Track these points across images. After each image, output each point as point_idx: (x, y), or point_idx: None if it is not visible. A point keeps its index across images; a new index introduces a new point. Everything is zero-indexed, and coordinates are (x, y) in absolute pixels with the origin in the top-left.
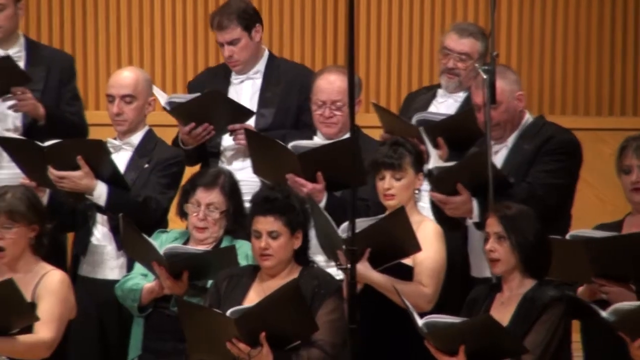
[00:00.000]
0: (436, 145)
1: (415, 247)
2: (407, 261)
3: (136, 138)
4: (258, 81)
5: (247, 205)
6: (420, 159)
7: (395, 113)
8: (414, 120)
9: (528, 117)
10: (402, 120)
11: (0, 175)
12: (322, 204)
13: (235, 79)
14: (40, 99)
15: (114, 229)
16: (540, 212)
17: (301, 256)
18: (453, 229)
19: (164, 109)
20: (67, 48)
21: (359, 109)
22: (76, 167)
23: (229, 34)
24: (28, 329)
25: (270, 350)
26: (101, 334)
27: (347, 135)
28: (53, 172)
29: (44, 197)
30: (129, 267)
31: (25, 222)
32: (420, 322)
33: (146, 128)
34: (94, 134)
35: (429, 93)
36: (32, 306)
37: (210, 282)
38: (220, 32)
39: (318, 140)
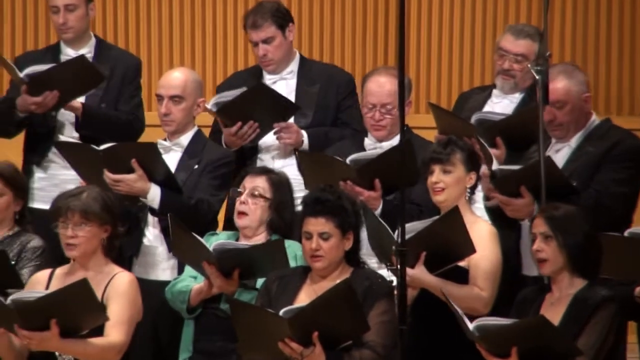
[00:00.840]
0: (494, 145)
1: (470, 250)
2: (462, 263)
3: (185, 139)
4: (292, 81)
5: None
6: (472, 157)
7: (452, 112)
8: (472, 120)
9: (594, 119)
10: (460, 119)
11: (67, 175)
12: (378, 211)
13: (268, 79)
14: (101, 97)
15: (165, 231)
16: (606, 221)
17: (352, 257)
18: (508, 228)
19: (209, 111)
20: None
21: (409, 110)
22: (130, 170)
23: (263, 32)
24: (98, 332)
25: (322, 350)
26: (154, 335)
27: (398, 137)
28: (109, 175)
29: None
30: (181, 269)
31: (98, 222)
32: (470, 325)
33: (195, 129)
34: (146, 134)
35: (483, 93)
36: (103, 307)
37: (260, 281)
38: (255, 30)
39: (369, 142)
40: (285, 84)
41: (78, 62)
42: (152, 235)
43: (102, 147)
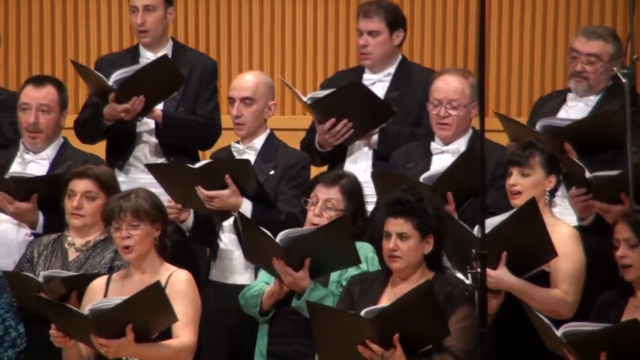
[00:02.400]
0: (563, 151)
1: (551, 253)
2: (544, 266)
3: (258, 142)
4: (386, 84)
5: (370, 207)
6: (552, 160)
7: (519, 121)
8: (538, 127)
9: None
10: (527, 128)
11: (146, 179)
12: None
13: (366, 80)
14: (179, 101)
15: (239, 235)
16: None
17: (434, 262)
18: (602, 235)
19: (305, 104)
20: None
21: (476, 113)
22: (223, 186)
23: (371, 23)
24: (165, 334)
25: (402, 353)
26: (230, 338)
27: (463, 138)
28: (203, 192)
29: (189, 218)
30: (257, 273)
31: (149, 220)
32: (558, 332)
33: (267, 131)
34: (221, 137)
35: (559, 97)
36: (172, 308)
37: (332, 284)
38: (364, 19)
39: (435, 146)
40: (382, 86)
41: (161, 62)
42: (227, 239)
43: (198, 165)
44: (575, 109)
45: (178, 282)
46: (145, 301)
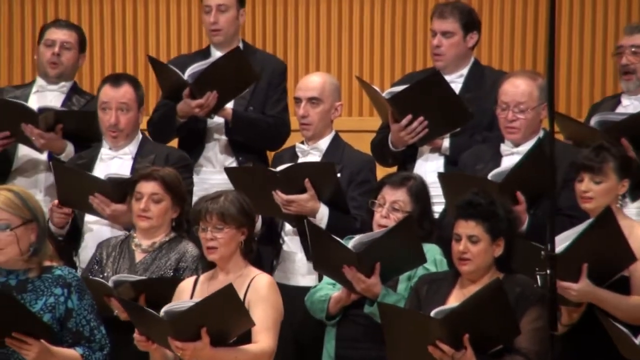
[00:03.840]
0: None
1: (630, 257)
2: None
3: (324, 143)
4: (458, 86)
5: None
6: (625, 165)
7: (575, 119)
8: (592, 122)
9: None
10: (584, 125)
11: (216, 180)
12: (524, 227)
13: None
14: (249, 101)
15: (304, 238)
16: None
17: (504, 264)
18: None
19: (385, 99)
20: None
21: (546, 114)
22: (300, 190)
23: (445, 24)
24: (245, 339)
25: (473, 353)
26: (295, 341)
27: (534, 140)
28: (281, 196)
29: (257, 223)
30: (321, 275)
31: (235, 225)
32: (637, 340)
33: (333, 133)
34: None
35: (613, 100)
36: (247, 312)
37: (401, 286)
38: (439, 20)
39: (505, 147)
40: (454, 88)
41: (234, 55)
42: (290, 241)
43: (279, 168)
44: (631, 108)
45: (260, 286)
46: (218, 304)
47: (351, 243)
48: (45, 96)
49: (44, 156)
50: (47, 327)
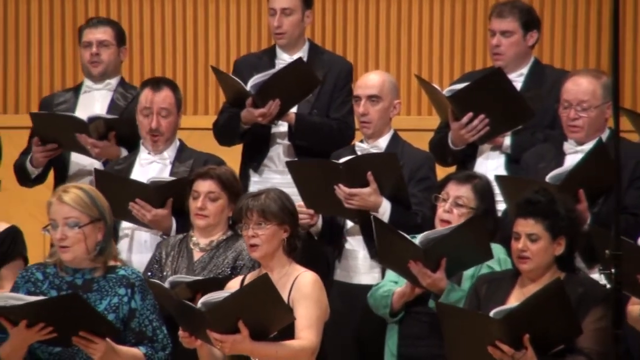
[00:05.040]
0: None
1: None
2: None
3: (383, 141)
4: (519, 84)
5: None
6: None
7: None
8: None
9: None
10: None
11: (278, 179)
12: (587, 226)
13: None
14: (313, 104)
15: (367, 235)
16: None
17: (566, 263)
18: None
19: (445, 97)
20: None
21: (611, 113)
22: (363, 185)
23: (505, 23)
24: (288, 335)
25: (534, 354)
26: (358, 339)
27: (596, 140)
28: (344, 190)
29: (318, 223)
30: (383, 273)
31: (276, 222)
32: None
33: (391, 131)
34: None
35: None
36: (286, 304)
37: (465, 283)
38: (497, 19)
39: (568, 146)
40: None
41: (296, 65)
42: (352, 239)
43: (342, 159)
44: None
45: (303, 284)
46: (255, 294)
47: (418, 239)
48: (93, 96)
49: (92, 162)
50: (113, 326)
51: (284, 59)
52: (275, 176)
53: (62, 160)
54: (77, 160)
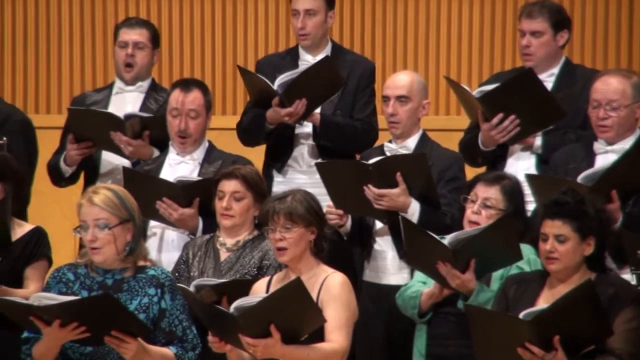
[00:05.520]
0: None
1: None
2: None
3: (412, 141)
4: (550, 85)
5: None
6: None
7: None
8: None
9: None
10: None
11: (302, 179)
12: (618, 225)
13: None
14: (336, 104)
15: (396, 235)
16: None
17: (596, 263)
18: None
19: (475, 98)
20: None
21: None
22: (392, 185)
23: (535, 23)
24: (318, 338)
25: (564, 355)
26: (386, 339)
27: (630, 138)
28: (373, 190)
29: (347, 223)
30: (412, 273)
31: (303, 224)
32: None
33: (420, 131)
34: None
35: None
36: (319, 307)
37: (494, 284)
38: (527, 19)
39: (599, 146)
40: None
41: (324, 64)
42: (381, 240)
43: (372, 160)
44: None
45: (332, 285)
46: (287, 298)
47: (447, 240)
48: (125, 97)
49: (123, 162)
50: (144, 326)
51: (307, 59)
52: (299, 176)
53: (93, 160)
54: (108, 160)
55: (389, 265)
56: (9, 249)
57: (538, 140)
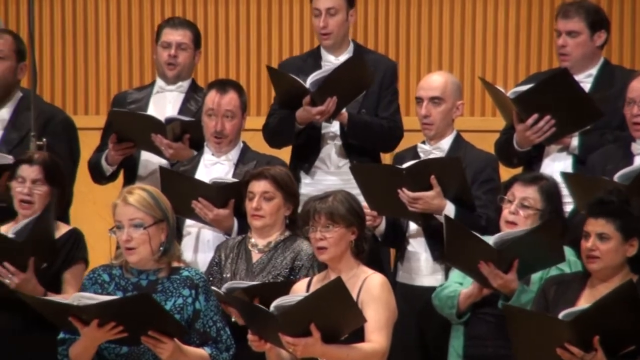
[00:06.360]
0: None
1: None
2: None
3: (446, 142)
4: (588, 85)
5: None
6: None
7: None
8: None
9: None
10: None
11: (331, 181)
12: None
13: None
14: (361, 103)
15: (430, 237)
16: None
17: (639, 265)
18: None
19: (509, 99)
20: (390, 54)
21: None
22: (426, 187)
23: (570, 23)
24: (358, 338)
25: (604, 356)
26: (420, 340)
27: None
28: (407, 194)
29: (382, 224)
30: (446, 274)
31: (344, 224)
32: None
33: (454, 132)
34: (406, 139)
35: None
36: (360, 309)
37: (534, 284)
38: (563, 20)
39: (637, 146)
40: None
41: (355, 62)
42: (415, 241)
43: (406, 164)
44: None
45: (372, 286)
46: (328, 298)
47: (492, 240)
48: (165, 97)
49: (161, 162)
50: (181, 326)
51: (329, 60)
52: (328, 178)
53: (133, 160)
54: (147, 160)
55: (422, 267)
56: (54, 256)
57: (575, 141)
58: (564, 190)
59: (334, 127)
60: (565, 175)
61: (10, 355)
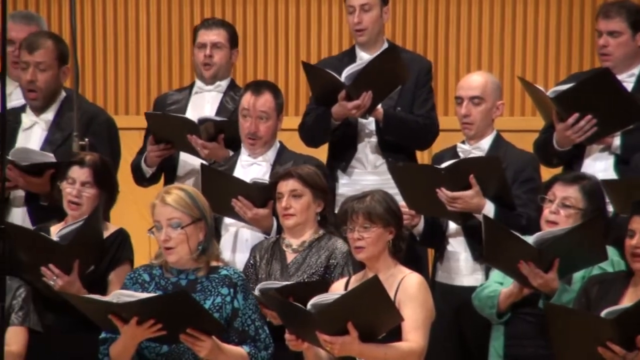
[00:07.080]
0: None
1: None
2: None
3: (486, 142)
4: (630, 85)
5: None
6: None
7: None
8: None
9: None
10: None
11: (368, 181)
12: None
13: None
14: (396, 101)
15: (469, 237)
16: None
17: None
18: None
19: (549, 99)
20: (429, 54)
21: None
22: (465, 187)
23: (612, 23)
24: (395, 337)
25: None
26: (460, 340)
27: None
28: (447, 194)
29: (420, 223)
30: (486, 274)
31: (382, 224)
32: None
33: (494, 132)
34: (443, 139)
35: None
36: (394, 305)
37: (576, 284)
38: (604, 20)
39: None
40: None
41: (388, 54)
42: (455, 241)
43: (444, 164)
44: None
45: (409, 286)
46: (365, 296)
47: (532, 239)
48: (204, 97)
49: (200, 162)
50: (219, 324)
51: (362, 58)
52: (366, 177)
53: (173, 161)
54: (185, 161)
55: (462, 267)
56: (102, 258)
57: (617, 140)
58: None
59: (370, 125)
60: (604, 182)
61: (55, 355)
